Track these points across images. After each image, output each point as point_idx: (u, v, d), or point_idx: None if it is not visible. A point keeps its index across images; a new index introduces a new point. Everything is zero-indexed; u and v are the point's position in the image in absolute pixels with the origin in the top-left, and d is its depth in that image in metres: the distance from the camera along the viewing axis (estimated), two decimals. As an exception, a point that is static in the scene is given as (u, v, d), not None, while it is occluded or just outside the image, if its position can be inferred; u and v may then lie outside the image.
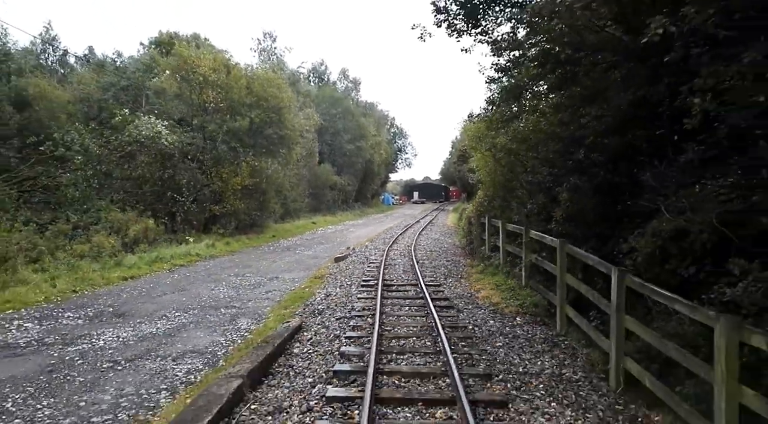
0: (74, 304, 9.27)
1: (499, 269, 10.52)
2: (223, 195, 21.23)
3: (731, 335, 3.33)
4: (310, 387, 4.72)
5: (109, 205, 17.21)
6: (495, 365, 5.30)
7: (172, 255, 14.93)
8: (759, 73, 3.38)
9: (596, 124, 7.07)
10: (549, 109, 8.01)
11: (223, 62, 22.18)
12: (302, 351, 5.93)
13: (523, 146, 9.39)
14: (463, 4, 7.39)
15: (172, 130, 20.15)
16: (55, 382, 5.36)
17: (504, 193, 11.93)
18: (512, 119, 8.85)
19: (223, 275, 12.38)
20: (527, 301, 8.10)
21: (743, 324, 3.32)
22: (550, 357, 5.77)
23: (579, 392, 4.81)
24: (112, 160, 18.70)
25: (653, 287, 4.51)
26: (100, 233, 14.74)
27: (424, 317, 7.15)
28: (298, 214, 32.47)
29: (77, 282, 10.93)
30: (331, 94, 43.93)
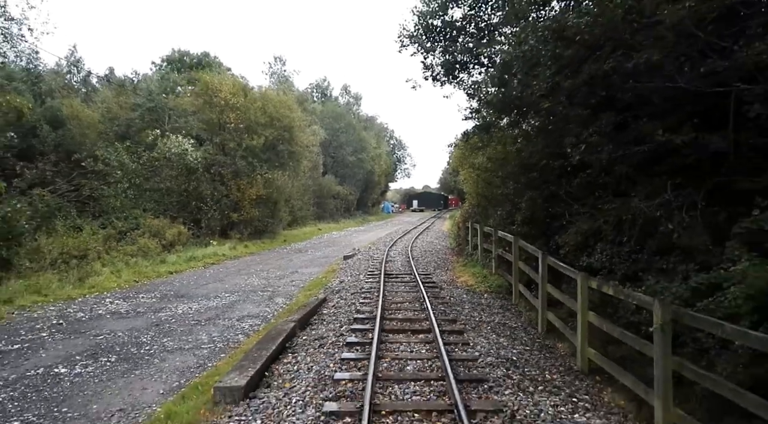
0: (141, 290, 11.83)
1: (477, 262, 13.14)
2: (240, 204, 23.85)
3: (583, 283, 5.94)
4: (338, 327, 7.30)
5: (143, 214, 19.79)
6: (460, 317, 7.90)
7: (203, 255, 17.51)
8: (593, 143, 5.98)
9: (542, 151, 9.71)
10: (509, 140, 10.66)
11: (240, 87, 24.93)
12: (329, 312, 8.52)
13: (494, 167, 12.05)
14: (443, 64, 10.09)
15: (195, 148, 22.84)
16: (164, 330, 7.93)
17: (483, 203, 14.58)
18: (484, 147, 11.51)
19: (250, 270, 14.94)
20: (494, 283, 10.72)
21: (588, 276, 5.93)
22: (501, 315, 8.36)
23: (514, 332, 7.40)
24: (143, 174, 21.31)
25: (557, 262, 7.13)
26: (143, 236, 17.32)
27: (415, 293, 9.73)
28: (305, 221, 35.12)
29: (135, 275, 13.50)
30: (334, 109, 46.77)
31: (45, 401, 5.06)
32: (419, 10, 10.18)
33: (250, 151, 24.40)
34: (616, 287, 5.18)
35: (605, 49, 5.14)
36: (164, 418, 4.50)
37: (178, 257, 16.55)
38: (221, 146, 24.11)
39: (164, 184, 22.03)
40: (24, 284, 10.55)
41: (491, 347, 6.34)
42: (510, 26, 9.07)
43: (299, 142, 28.15)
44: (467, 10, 9.81)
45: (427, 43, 10.10)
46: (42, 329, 8.05)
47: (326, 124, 43.24)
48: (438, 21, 9.98)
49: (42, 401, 5.08)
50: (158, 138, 21.78)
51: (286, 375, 5.41)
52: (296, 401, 4.54)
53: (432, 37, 10.14)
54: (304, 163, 31.60)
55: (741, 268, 3.75)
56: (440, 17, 9.97)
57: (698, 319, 3.85)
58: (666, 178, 5.18)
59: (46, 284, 10.96)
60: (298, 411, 4.31)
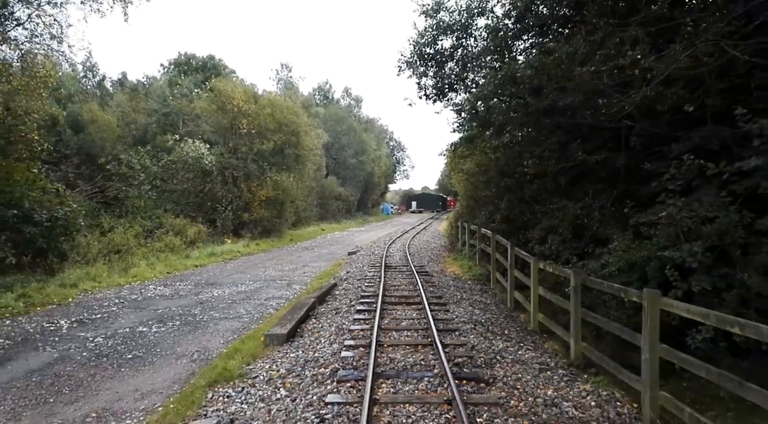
0: (176, 279, 13.78)
1: (465, 256, 15.12)
2: (250, 205, 25.83)
3: (534, 265, 7.91)
4: (349, 302, 9.27)
5: (164, 213, 21.73)
6: (445, 295, 9.88)
7: (221, 251, 19.47)
8: (544, 157, 7.95)
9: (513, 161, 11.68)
10: (490, 150, 12.63)
11: (251, 94, 26.92)
12: (340, 293, 10.49)
13: (479, 172, 14.04)
14: (434, 85, 12.07)
15: (210, 152, 24.81)
16: (208, 306, 9.89)
17: (472, 204, 16.57)
18: (470, 155, 13.48)
19: (266, 264, 16.89)
20: (477, 273, 12.70)
21: (538, 260, 7.90)
22: (479, 295, 10.35)
23: (487, 306, 9.37)
24: (162, 176, 23.25)
25: (520, 251, 9.10)
26: (167, 234, 19.28)
27: (411, 279, 11.70)
28: (308, 221, 37.07)
29: (167, 267, 15.46)
30: (336, 112, 48.78)
31: (142, 346, 7.03)
32: (414, 40, 12.16)
33: (260, 154, 26.38)
34: (552, 265, 7.15)
35: (545, 90, 7.08)
36: (233, 352, 6.47)
37: (200, 252, 18.51)
38: (234, 150, 26.08)
39: (181, 185, 23.97)
40: (83, 272, 12.51)
41: (466, 313, 8.33)
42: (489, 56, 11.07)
43: (305, 146, 30.13)
44: (454, 41, 11.79)
45: (421, 68, 12.09)
46: (110, 305, 10.02)
47: (329, 126, 45.24)
48: (430, 49, 11.95)
49: (140, 345, 7.05)
50: (177, 143, 23.75)
51: (313, 329, 7.39)
52: (324, 341, 6.53)
53: (425, 63, 12.12)
54: (309, 165, 33.57)
55: (614, 246, 5.72)
56: (432, 46, 11.95)
57: (594, 281, 5.82)
58: (589, 187, 7.14)
59: (99, 273, 12.94)
60: (327, 346, 6.30)
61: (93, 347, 7.04)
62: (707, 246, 4.69)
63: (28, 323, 8.53)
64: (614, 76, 5.78)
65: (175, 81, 38.77)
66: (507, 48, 10.22)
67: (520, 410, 4.46)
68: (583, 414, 4.53)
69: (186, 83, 35.12)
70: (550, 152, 8.07)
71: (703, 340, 4.64)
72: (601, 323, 5.51)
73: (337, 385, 4.98)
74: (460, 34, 11.57)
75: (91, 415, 4.77)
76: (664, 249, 5.06)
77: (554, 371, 5.77)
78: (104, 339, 7.43)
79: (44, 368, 6.11)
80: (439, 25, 11.22)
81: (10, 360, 6.45)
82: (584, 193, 7.46)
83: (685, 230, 4.80)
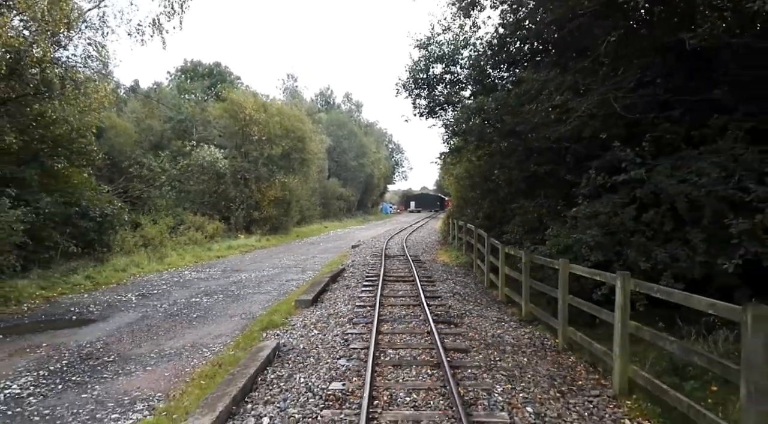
0: (204, 266, 16.03)
1: (454, 248, 17.41)
2: (260, 204, 28.07)
3: (502, 249, 10.20)
4: (356, 281, 11.56)
5: (183, 212, 23.95)
6: (433, 276, 12.17)
7: (238, 245, 21.75)
8: (510, 167, 10.23)
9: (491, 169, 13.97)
10: (475, 159, 14.92)
11: (261, 103, 29.19)
12: (348, 275, 12.77)
13: (466, 177, 16.33)
14: (427, 105, 14.35)
15: (224, 156, 27.07)
16: (241, 285, 12.15)
17: (461, 203, 18.87)
18: (458, 163, 15.76)
19: (280, 255, 19.15)
20: (463, 261, 14.99)
21: (504, 245, 10.18)
22: (462, 277, 12.64)
23: (467, 285, 11.65)
24: (180, 178, 25.48)
25: (494, 240, 11.37)
26: (189, 230, 21.53)
27: (406, 265, 13.98)
28: (312, 220, 39.32)
29: (194, 257, 17.71)
30: (337, 117, 51.10)
31: (201, 310, 9.29)
32: (410, 67, 14.46)
33: (270, 158, 28.66)
34: (513, 249, 9.43)
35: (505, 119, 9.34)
36: (272, 312, 8.73)
37: (219, 245, 20.78)
38: (245, 155, 28.35)
39: (198, 187, 26.21)
40: (128, 260, 14.77)
41: (449, 288, 10.63)
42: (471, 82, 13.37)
43: (309, 151, 32.43)
44: (443, 68, 14.08)
45: (415, 90, 14.37)
46: (160, 285, 12.28)
47: (331, 131, 47.54)
48: (423, 75, 14.24)
49: (199, 310, 9.31)
50: (193, 148, 26.02)
51: (331, 298, 9.68)
52: (340, 304, 8.82)
53: (418, 87, 14.41)
54: (313, 168, 35.87)
55: (549, 232, 8.01)
56: (424, 73, 14.24)
57: (536, 258, 8.10)
58: (541, 191, 9.41)
59: (140, 261, 15.19)
60: (342, 306, 8.59)
61: (163, 311, 9.31)
62: (603, 232, 6.97)
63: (101, 296, 10.80)
64: (551, 112, 8.07)
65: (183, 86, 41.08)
66: (486, 76, 12.52)
67: (474, 338, 6.75)
68: (517, 342, 6.81)
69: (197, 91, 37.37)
70: (514, 164, 10.36)
71: (602, 294, 6.90)
72: (537, 286, 7.81)
73: (353, 325, 7.26)
74: (448, 63, 13.87)
75: (186, 346, 7.02)
76: (580, 234, 7.35)
77: (507, 322, 8.05)
78: (169, 306, 9.70)
79: (137, 322, 8.37)
80: (430, 55, 13.51)
81: (109, 317, 8.71)
82: (538, 195, 9.74)
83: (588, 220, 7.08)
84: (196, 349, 6.82)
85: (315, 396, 4.69)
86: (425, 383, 4.98)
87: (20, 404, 4.91)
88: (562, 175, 8.72)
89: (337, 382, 5.01)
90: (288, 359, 6.02)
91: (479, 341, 6.68)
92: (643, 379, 4.53)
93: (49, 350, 6.68)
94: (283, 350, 6.38)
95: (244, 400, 4.66)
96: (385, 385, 4.90)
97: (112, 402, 4.96)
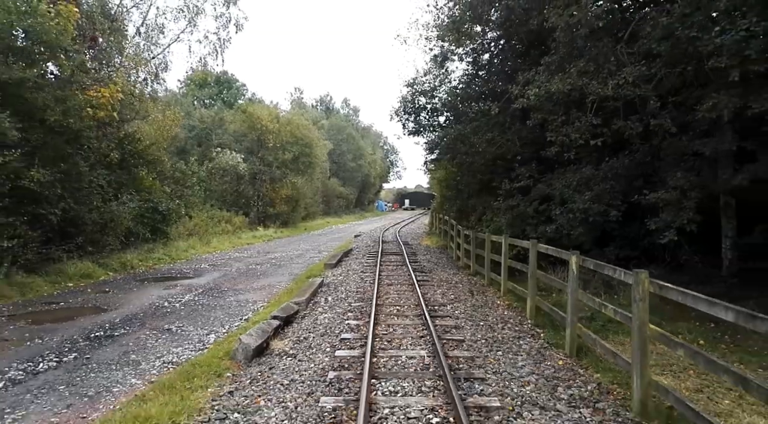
0: (242, 250, 20.65)
1: (436, 235, 22.19)
2: (273, 202, 32.68)
3: (462, 231, 14.92)
4: (361, 255, 16.30)
5: (211, 208, 28.49)
6: (417, 253, 16.94)
7: (260, 235, 26.40)
8: (470, 176, 14.98)
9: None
10: (450, 167, 19.65)
11: (275, 114, 33.81)
12: (355, 253, 17.49)
13: (446, 179, 21.05)
14: (414, 127, 19.06)
15: (244, 160, 31.65)
16: (278, 260, 16.82)
17: (443, 200, 23.63)
18: (439, 169, 20.49)
19: (297, 243, 23.81)
20: (441, 244, 19.77)
21: (467, 228, 14.90)
22: (438, 254, 17.40)
23: (441, 259, 16.40)
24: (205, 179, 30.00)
25: (462, 228, 16.10)
26: (221, 222, 26.13)
27: (398, 247, 18.71)
28: (315, 216, 43.96)
29: (230, 244, 22.34)
30: (337, 123, 55.77)
31: (261, 271, 13.96)
32: (400, 98, 19.14)
33: (282, 162, 33.29)
34: (472, 230, 14.16)
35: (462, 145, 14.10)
36: (309, 271, 13.40)
37: (246, 235, 25.43)
38: (261, 159, 32.96)
39: (221, 186, 30.78)
40: (186, 244, 19.38)
41: (427, 259, 15.38)
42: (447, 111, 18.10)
43: (315, 155, 37.09)
44: (426, 100, 18.80)
45: (405, 116, 19.08)
46: (219, 260, 16.91)
47: (331, 135, 52.18)
48: (410, 105, 18.95)
49: (260, 271, 13.98)
50: (218, 154, 30.61)
51: (346, 263, 14.41)
52: (353, 267, 13.58)
53: (408, 112, 19.11)
54: (317, 170, 40.53)
55: (484, 218, 12.75)
56: (411, 104, 18.95)
57: (479, 234, 12.83)
58: (486, 194, 14.21)
59: (194, 245, 19.80)
60: (355, 267, 13.35)
61: (236, 271, 13.97)
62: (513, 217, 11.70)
63: (183, 266, 15.43)
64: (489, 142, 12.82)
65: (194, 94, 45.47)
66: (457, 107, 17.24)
67: (434, 278, 11.52)
68: (460, 280, 11.55)
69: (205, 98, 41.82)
70: (470, 174, 15.13)
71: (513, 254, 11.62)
72: (477, 251, 12.57)
73: (363, 274, 11.99)
74: (429, 96, 18.59)
75: (264, 285, 11.68)
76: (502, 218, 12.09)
77: (457, 274, 12.80)
78: (237, 270, 14.35)
79: (223, 277, 13.02)
80: (415, 91, 18.22)
81: (202, 275, 13.36)
82: (483, 195, 14.50)
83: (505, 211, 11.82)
84: (271, 286, 11.52)
85: (348, 296, 9.42)
86: (404, 291, 9.71)
87: (194, 303, 9.58)
88: (494, 182, 13.47)
89: (359, 293, 9.73)
90: (329, 285, 10.75)
91: (437, 279, 11.45)
92: (512, 288, 9.28)
93: (185, 288, 11.34)
94: (325, 282, 11.12)
95: (314, 296, 9.38)
96: (384, 291, 9.63)
97: (242, 302, 9.64)
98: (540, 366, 5.62)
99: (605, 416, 4.32)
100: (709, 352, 5.41)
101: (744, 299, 6.90)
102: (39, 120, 10.87)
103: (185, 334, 7.31)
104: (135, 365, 5.90)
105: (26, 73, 9.89)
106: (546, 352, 6.20)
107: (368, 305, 8.33)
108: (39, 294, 10.42)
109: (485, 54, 16.02)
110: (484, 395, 4.62)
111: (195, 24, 20.62)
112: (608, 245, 10.38)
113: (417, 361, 5.58)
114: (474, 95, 15.83)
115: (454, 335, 6.75)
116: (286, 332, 7.16)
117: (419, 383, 4.88)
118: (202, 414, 4.33)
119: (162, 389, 4.88)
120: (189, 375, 5.30)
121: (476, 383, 4.92)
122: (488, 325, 7.49)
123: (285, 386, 4.93)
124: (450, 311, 8.30)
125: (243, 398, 4.68)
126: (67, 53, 11.14)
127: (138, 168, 17.88)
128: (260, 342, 6.03)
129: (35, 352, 6.33)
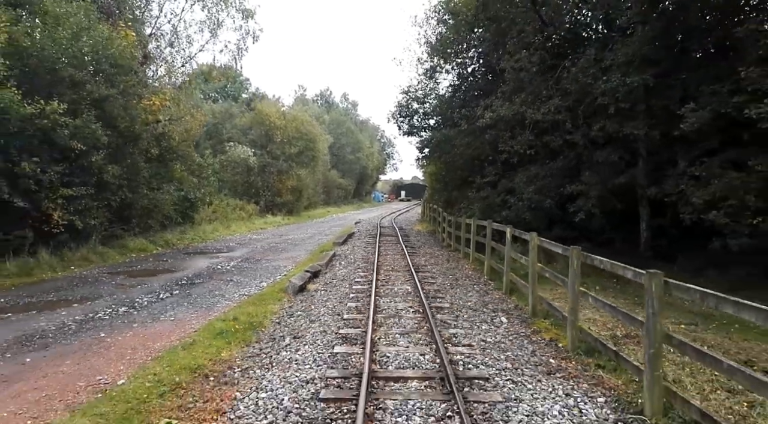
0: (258, 233, 23.78)
1: (427, 222, 25.44)
2: (280, 192, 35.77)
3: (447, 217, 18.12)
4: (363, 236, 19.50)
5: (225, 197, 31.53)
6: (410, 236, 20.17)
7: (271, 221, 29.54)
8: (454, 172, 18.10)
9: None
10: (439, 162, 22.78)
11: (282, 112, 36.76)
12: (357, 236, 20.67)
13: (436, 173, 24.22)
14: (407, 128, 22.15)
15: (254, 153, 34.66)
16: (292, 241, 19.98)
17: (433, 192, 26.84)
18: (430, 164, 23.68)
19: (305, 228, 26.96)
20: (431, 229, 23.00)
21: (450, 214, 18.09)
22: (427, 238, 20.63)
23: (430, 241, 19.62)
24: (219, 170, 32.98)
25: (446, 215, 19.30)
26: (235, 210, 29.22)
27: (394, 232, 21.90)
28: (316, 205, 47.07)
29: (246, 228, 25.47)
30: (337, 118, 58.68)
31: (282, 248, 17.13)
32: (396, 102, 22.24)
33: (288, 156, 36.32)
34: (453, 215, 17.34)
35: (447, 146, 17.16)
36: (321, 248, 16.57)
37: (259, 221, 28.56)
38: (270, 153, 35.98)
39: (233, 177, 33.81)
40: (210, 227, 22.49)
41: (417, 240, 18.60)
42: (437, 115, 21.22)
43: (318, 149, 40.12)
44: (418, 104, 21.91)
45: (401, 118, 22.19)
46: (243, 240, 20.05)
47: (331, 129, 55.12)
48: (405, 109, 22.05)
49: (281, 248, 17.15)
50: (231, 147, 33.61)
51: (351, 242, 17.61)
52: (357, 244, 16.79)
53: (403, 115, 22.22)
54: (319, 163, 43.58)
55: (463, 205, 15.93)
56: (406, 108, 22.05)
57: (458, 219, 16.02)
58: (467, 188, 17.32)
59: (216, 228, 22.91)
60: (359, 245, 16.56)
61: (260, 248, 17.11)
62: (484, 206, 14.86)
63: (214, 244, 18.57)
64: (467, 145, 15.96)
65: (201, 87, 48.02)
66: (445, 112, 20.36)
67: (421, 252, 14.74)
68: (443, 255, 14.76)
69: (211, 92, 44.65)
70: (452, 170, 18.30)
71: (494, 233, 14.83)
72: (458, 233, 15.79)
73: (367, 249, 15.19)
74: (422, 101, 21.71)
75: (287, 257, 14.83)
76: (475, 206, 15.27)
77: (441, 251, 16.00)
78: (261, 247, 17.49)
79: (251, 252, 16.16)
80: (409, 96, 21.33)
81: (234, 250, 16.50)
82: (464, 188, 17.67)
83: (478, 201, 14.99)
84: (293, 257, 14.69)
85: (356, 261, 12.62)
86: (397, 259, 12.91)
87: (239, 266, 12.74)
88: (471, 177, 16.65)
89: (364, 260, 12.92)
90: (341, 255, 13.96)
91: (423, 252, 14.68)
92: (478, 257, 12.49)
93: (226, 258, 14.49)
94: (337, 254, 14.32)
95: (330, 261, 12.59)
96: (383, 259, 12.84)
97: (275, 267, 12.81)
98: (483, 297, 8.84)
99: (511, 316, 7.54)
100: (593, 291, 8.63)
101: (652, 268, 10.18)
102: (113, 126, 13.91)
103: (244, 282, 10.49)
104: (222, 296, 9.08)
105: (110, 90, 12.94)
106: (490, 291, 9.43)
107: (371, 265, 11.55)
108: (114, 262, 13.57)
109: (468, 68, 19.16)
110: (443, 303, 7.87)
111: (216, 35, 23.56)
112: (554, 228, 13.60)
113: (404, 290, 8.81)
114: (457, 104, 18.97)
115: (429, 281, 9.97)
116: (315, 281, 10.35)
117: (404, 298, 8.12)
118: (278, 313, 7.54)
119: (248, 304, 8.07)
120: (261, 299, 8.48)
121: (438, 299, 8.17)
122: (455, 277, 10.73)
123: (323, 302, 8.14)
124: (429, 269, 11.55)
125: (299, 307, 7.89)
126: (135, 73, 14.14)
127: (172, 162, 20.90)
128: (302, 283, 9.23)
129: (149, 290, 9.51)
